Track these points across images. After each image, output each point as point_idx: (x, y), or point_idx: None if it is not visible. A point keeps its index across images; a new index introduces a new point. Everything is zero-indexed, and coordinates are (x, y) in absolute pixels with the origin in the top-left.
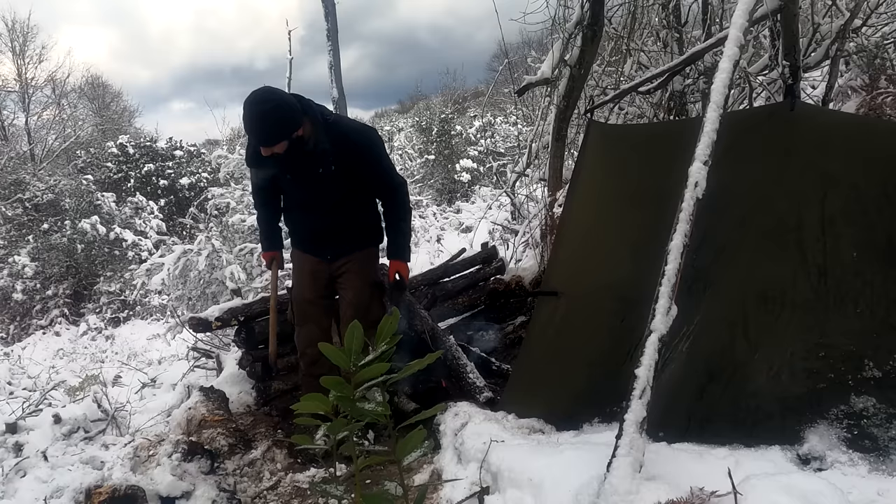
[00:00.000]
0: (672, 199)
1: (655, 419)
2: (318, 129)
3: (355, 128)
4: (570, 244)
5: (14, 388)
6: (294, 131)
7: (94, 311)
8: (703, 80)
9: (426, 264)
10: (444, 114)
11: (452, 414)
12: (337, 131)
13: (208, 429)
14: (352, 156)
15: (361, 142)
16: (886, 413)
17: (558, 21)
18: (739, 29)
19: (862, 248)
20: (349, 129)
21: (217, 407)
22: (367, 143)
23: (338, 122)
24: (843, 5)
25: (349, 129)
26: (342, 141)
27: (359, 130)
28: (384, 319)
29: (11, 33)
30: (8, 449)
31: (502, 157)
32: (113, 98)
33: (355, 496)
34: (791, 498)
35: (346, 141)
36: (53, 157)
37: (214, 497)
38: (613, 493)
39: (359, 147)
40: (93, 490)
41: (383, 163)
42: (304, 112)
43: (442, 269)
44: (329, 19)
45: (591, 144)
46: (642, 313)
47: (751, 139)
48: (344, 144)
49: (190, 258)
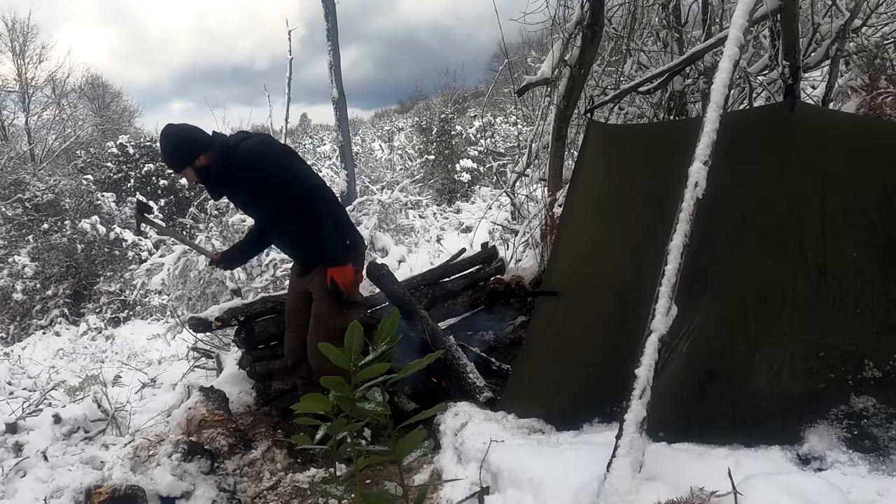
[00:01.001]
0: (672, 199)
1: (655, 419)
2: (220, 158)
3: (250, 146)
4: (570, 244)
5: (14, 388)
6: (192, 160)
7: (94, 311)
8: (703, 80)
9: (426, 264)
10: (444, 114)
11: (452, 414)
12: (237, 156)
13: (208, 429)
14: (253, 175)
15: (254, 158)
16: (886, 413)
17: (558, 21)
18: (739, 29)
19: (862, 248)
20: (245, 150)
21: (217, 407)
22: (261, 158)
23: (238, 145)
24: (843, 5)
25: (245, 150)
26: (241, 164)
27: (252, 148)
28: (383, 320)
29: (11, 33)
30: (8, 449)
31: (502, 157)
32: (113, 98)
33: (355, 496)
34: (791, 498)
35: (244, 163)
36: (53, 157)
37: (214, 497)
38: (613, 493)
39: (254, 164)
40: (93, 490)
41: (287, 173)
42: (207, 145)
43: (442, 269)
44: (329, 19)
45: (591, 144)
46: (642, 313)
47: (751, 139)
48: (243, 167)
49: (190, 258)
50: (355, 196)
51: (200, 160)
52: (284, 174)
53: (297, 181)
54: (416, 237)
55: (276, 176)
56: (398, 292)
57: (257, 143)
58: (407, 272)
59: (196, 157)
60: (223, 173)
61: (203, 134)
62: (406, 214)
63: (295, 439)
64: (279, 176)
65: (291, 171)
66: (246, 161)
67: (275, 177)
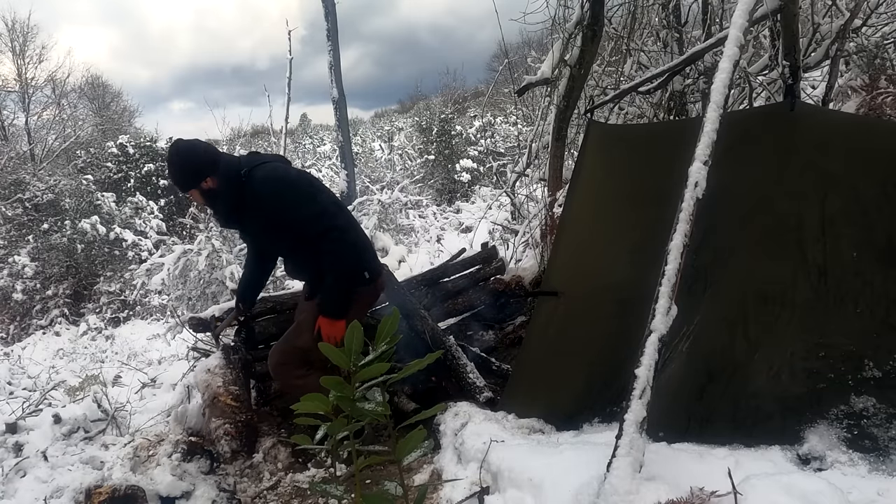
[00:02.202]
0: (672, 199)
1: (655, 419)
2: (230, 185)
3: (264, 178)
4: (570, 244)
5: (14, 388)
6: (198, 181)
7: (94, 311)
8: (703, 80)
9: (426, 264)
10: (444, 114)
11: (452, 414)
12: (249, 185)
13: (217, 417)
14: (263, 208)
15: (265, 192)
16: (886, 413)
17: (558, 21)
18: (739, 29)
19: (862, 248)
20: (257, 181)
21: (233, 381)
22: (275, 191)
23: (251, 175)
24: (843, 5)
25: (257, 181)
26: (252, 194)
27: (264, 180)
28: (383, 320)
29: (11, 33)
30: (8, 449)
31: (502, 157)
32: (113, 98)
33: (355, 496)
34: (791, 498)
35: (255, 194)
36: (53, 157)
37: (214, 497)
38: (613, 493)
39: (265, 198)
40: (93, 490)
41: (303, 210)
42: (215, 168)
43: (442, 269)
44: (329, 19)
45: (591, 144)
46: (642, 313)
47: (751, 139)
48: (254, 198)
49: (190, 258)
50: (355, 196)
51: (207, 182)
52: (300, 212)
53: (313, 221)
54: (416, 237)
55: (287, 211)
56: (398, 292)
57: (271, 173)
58: (407, 272)
59: (202, 179)
60: (233, 203)
61: (213, 154)
62: (406, 214)
63: (295, 439)
64: (290, 212)
65: (308, 209)
66: (258, 192)
67: (284, 212)
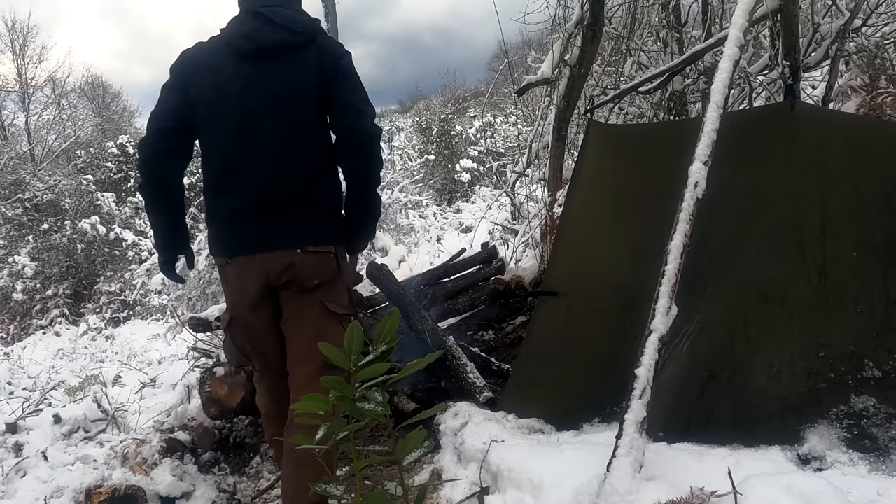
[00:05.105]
0: (672, 199)
1: (655, 419)
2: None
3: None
4: (570, 244)
5: (14, 388)
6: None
7: (94, 311)
8: (703, 80)
9: (426, 264)
10: (444, 114)
11: (452, 414)
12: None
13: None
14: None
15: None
16: (886, 413)
17: (558, 21)
18: (739, 29)
19: (862, 248)
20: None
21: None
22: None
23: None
24: (843, 5)
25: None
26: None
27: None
28: (383, 319)
29: (11, 33)
30: (8, 449)
31: (502, 157)
32: (113, 98)
33: (355, 496)
34: (791, 498)
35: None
36: (53, 157)
37: (214, 497)
38: (613, 493)
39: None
40: (93, 490)
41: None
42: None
43: (442, 269)
44: (329, 19)
45: (591, 144)
46: (642, 313)
47: (751, 139)
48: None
49: None
50: None
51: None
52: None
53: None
54: (416, 237)
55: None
56: (398, 292)
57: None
58: (407, 272)
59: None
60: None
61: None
62: (406, 214)
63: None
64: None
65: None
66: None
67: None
